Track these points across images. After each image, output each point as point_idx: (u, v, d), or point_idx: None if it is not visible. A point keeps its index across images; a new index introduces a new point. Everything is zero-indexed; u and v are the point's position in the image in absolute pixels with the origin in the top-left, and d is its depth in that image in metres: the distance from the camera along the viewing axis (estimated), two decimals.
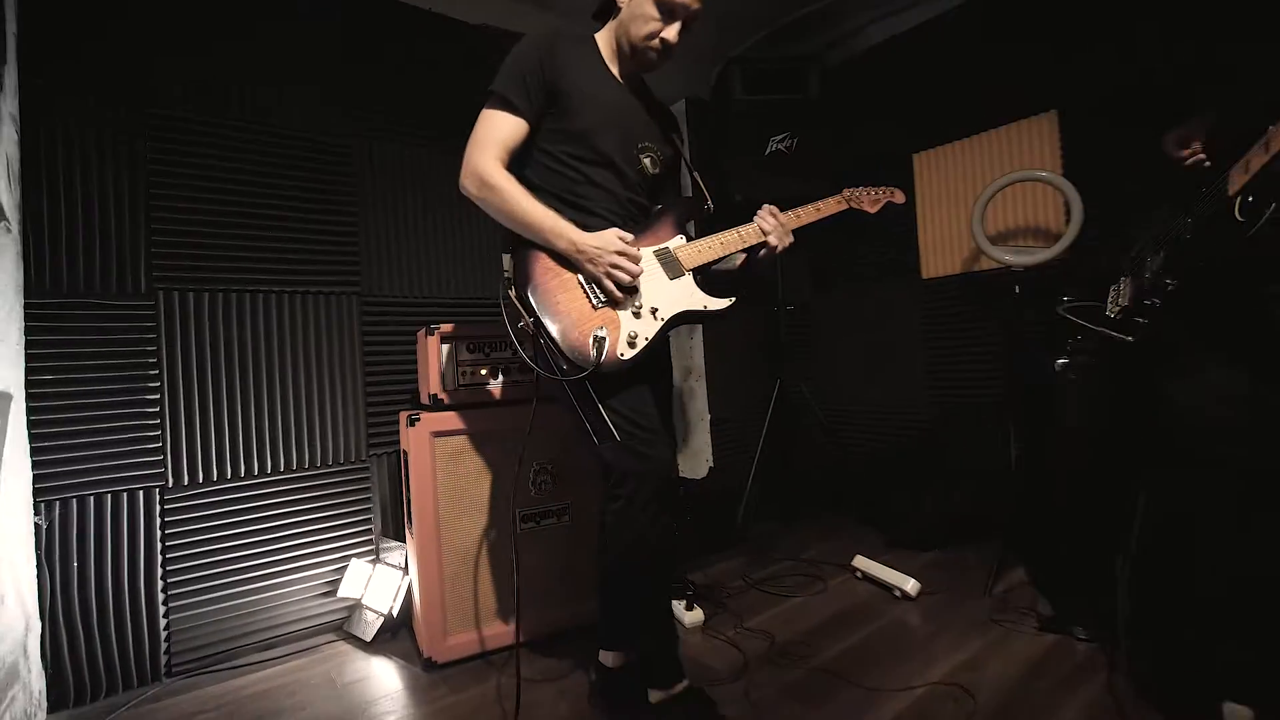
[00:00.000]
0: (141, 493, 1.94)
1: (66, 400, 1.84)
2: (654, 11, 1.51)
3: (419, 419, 1.87)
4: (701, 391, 3.46)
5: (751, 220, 1.65)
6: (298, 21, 2.28)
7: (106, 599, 1.87)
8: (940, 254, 2.92)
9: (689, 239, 1.61)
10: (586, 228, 1.47)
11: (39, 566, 1.78)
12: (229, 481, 2.08)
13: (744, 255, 1.67)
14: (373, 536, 2.33)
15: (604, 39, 1.63)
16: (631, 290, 1.46)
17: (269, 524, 2.13)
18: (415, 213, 2.51)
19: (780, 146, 2.88)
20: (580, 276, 1.46)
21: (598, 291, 1.45)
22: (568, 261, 1.46)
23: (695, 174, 1.76)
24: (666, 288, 1.51)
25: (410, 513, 1.96)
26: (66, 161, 1.87)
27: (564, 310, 1.42)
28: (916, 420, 3.05)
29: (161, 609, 1.94)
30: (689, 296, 1.53)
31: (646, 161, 1.62)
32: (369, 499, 2.33)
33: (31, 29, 1.79)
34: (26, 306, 1.78)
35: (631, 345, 1.43)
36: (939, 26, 2.90)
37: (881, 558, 2.40)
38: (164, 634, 1.94)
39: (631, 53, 1.57)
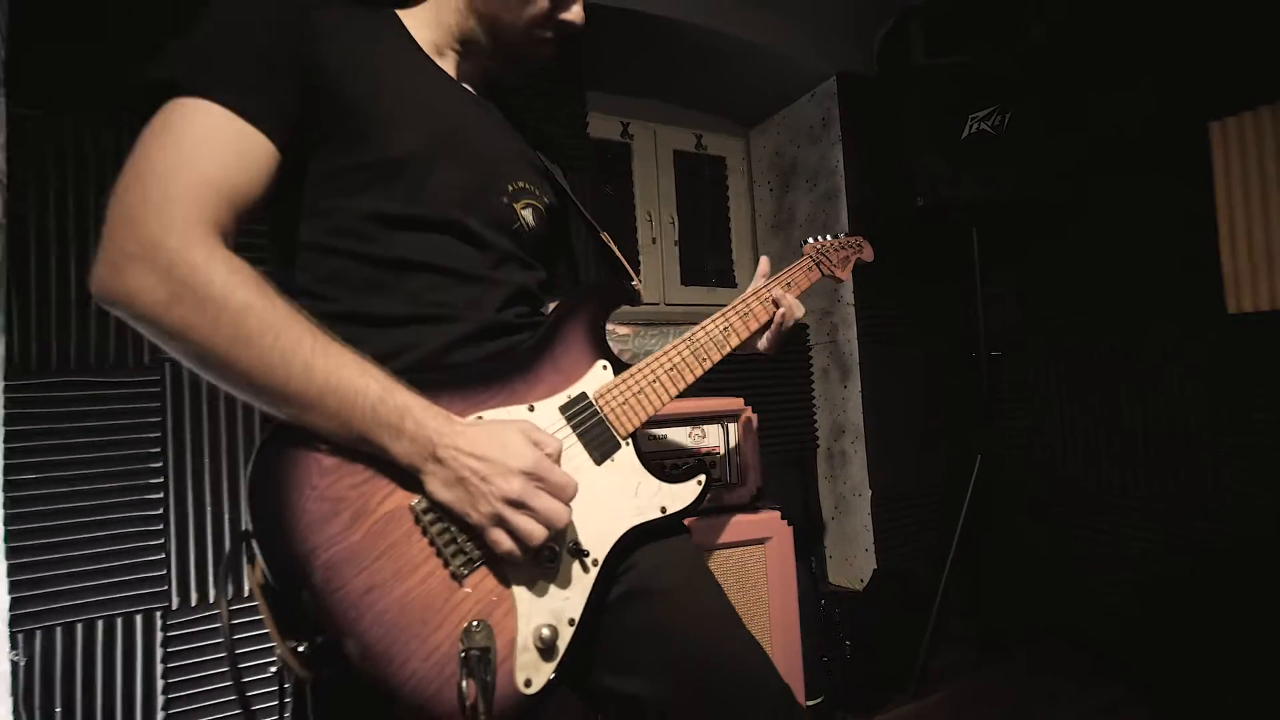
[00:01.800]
0: (140, 617, 1.55)
1: (53, 504, 1.49)
2: None
3: None
4: (859, 457, 2.65)
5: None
6: None
7: None
8: (1264, 276, 1.87)
9: (616, 361, 0.88)
10: (438, 367, 0.77)
11: (15, 715, 1.43)
12: (247, 599, 1.64)
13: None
14: None
15: (418, 22, 0.89)
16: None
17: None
18: None
19: (985, 126, 2.01)
20: (417, 504, 0.67)
21: (464, 545, 0.67)
22: (391, 472, 0.67)
23: (604, 234, 1.03)
24: (592, 490, 0.77)
25: None
26: (58, 204, 1.53)
27: (384, 604, 0.62)
28: (1224, 532, 2.00)
29: None
30: (633, 496, 0.81)
31: (528, 214, 0.89)
32: None
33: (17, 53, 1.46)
34: (5, 390, 1.45)
35: (548, 654, 0.68)
36: None
37: None
38: None
39: (498, 49, 0.89)
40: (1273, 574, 1.85)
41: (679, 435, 1.55)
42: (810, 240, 1.23)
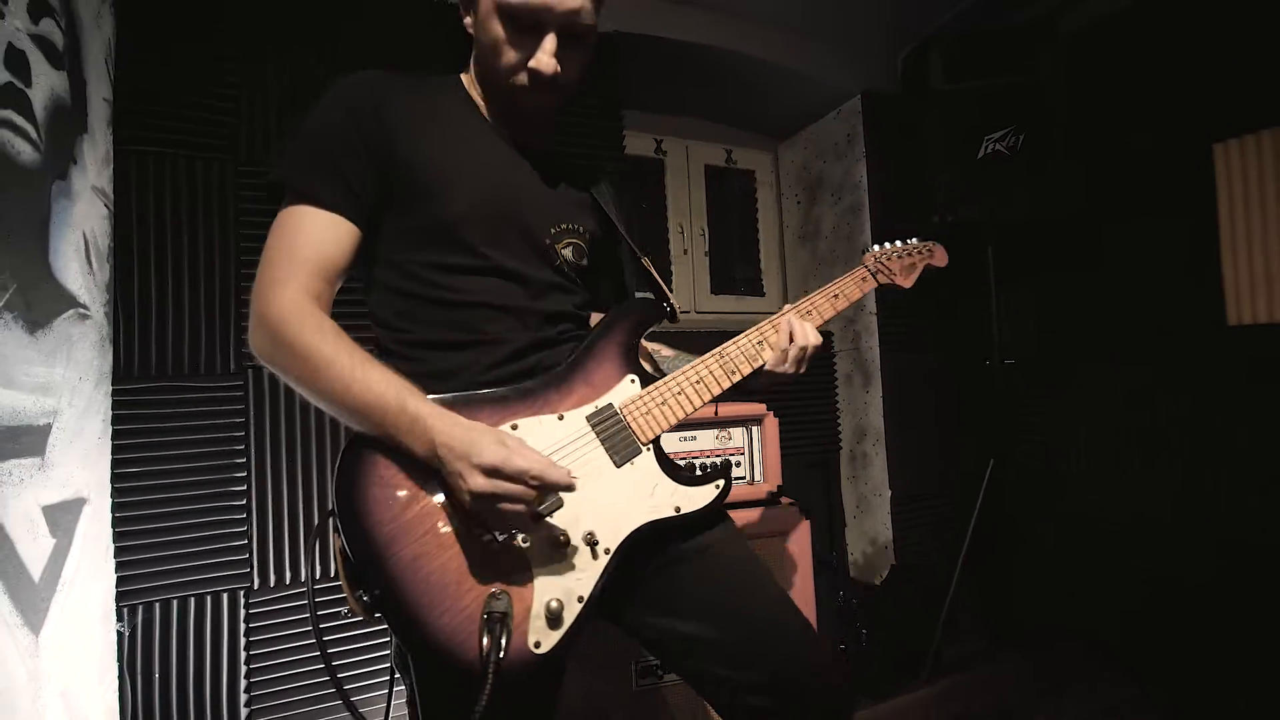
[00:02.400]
0: (226, 595, 1.74)
1: (153, 495, 1.69)
2: (501, 31, 0.91)
3: None
4: (880, 459, 2.76)
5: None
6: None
7: (188, 714, 1.68)
8: (1262, 290, 1.95)
9: (644, 375, 0.99)
10: (492, 381, 0.92)
11: (120, 678, 1.62)
12: (316, 582, 1.83)
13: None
14: None
15: (471, 81, 1.04)
16: (542, 517, 0.84)
17: (355, 629, 1.86)
18: None
19: (999, 146, 2.11)
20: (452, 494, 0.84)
21: (494, 525, 0.84)
22: (431, 471, 0.83)
23: (644, 259, 1.14)
24: (608, 488, 0.90)
25: None
26: (157, 229, 1.72)
27: (427, 569, 0.78)
28: (1228, 539, 2.08)
29: None
30: (649, 496, 0.92)
31: (568, 252, 1.02)
32: None
33: (124, 93, 1.65)
34: (113, 394, 1.64)
35: (554, 623, 0.81)
36: None
37: None
38: None
39: (499, 99, 1.00)
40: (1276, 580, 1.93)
41: (707, 437, 1.69)
42: (874, 248, 1.25)
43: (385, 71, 0.97)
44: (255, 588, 1.77)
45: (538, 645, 0.81)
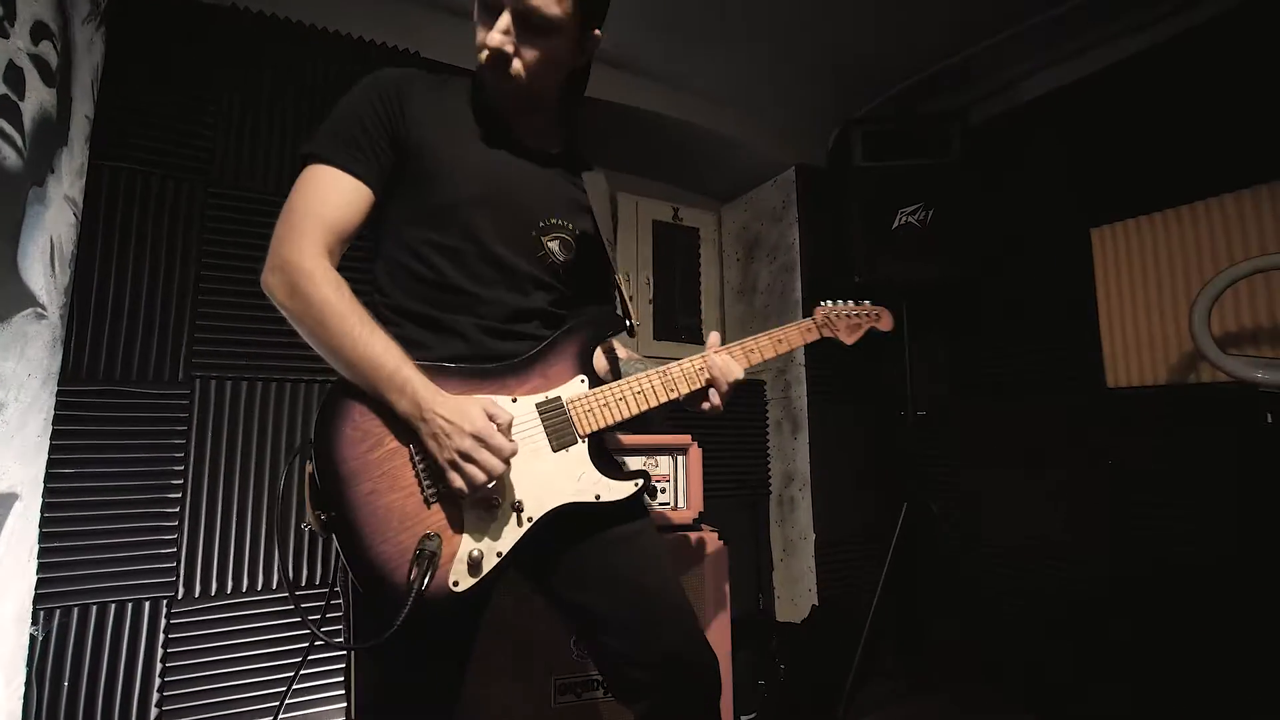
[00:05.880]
0: (148, 603, 1.74)
1: (85, 497, 1.70)
2: (474, 14, 1.04)
3: None
4: (805, 504, 2.90)
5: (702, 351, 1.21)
6: None
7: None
8: (1135, 357, 2.22)
9: (594, 378, 1.11)
10: (456, 357, 1.03)
11: (27, 685, 1.59)
12: (242, 595, 1.84)
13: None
14: None
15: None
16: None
17: (277, 646, 1.86)
18: None
19: (911, 219, 2.38)
20: (413, 446, 0.95)
21: (436, 480, 0.95)
22: (403, 423, 0.94)
23: (618, 275, 1.24)
24: (542, 467, 1.02)
25: None
26: (121, 240, 1.80)
27: (377, 504, 0.91)
28: (1101, 576, 2.28)
29: None
30: (575, 481, 1.03)
31: (554, 246, 1.13)
32: None
33: (106, 113, 1.76)
34: (58, 394, 1.67)
35: (473, 570, 0.93)
36: (1129, 70, 2.31)
37: None
38: None
39: (486, 89, 1.11)
40: (1160, 610, 2.10)
41: (635, 463, 1.81)
42: (823, 304, 1.33)
43: (413, 70, 1.11)
44: (179, 597, 1.77)
45: (456, 584, 0.92)
